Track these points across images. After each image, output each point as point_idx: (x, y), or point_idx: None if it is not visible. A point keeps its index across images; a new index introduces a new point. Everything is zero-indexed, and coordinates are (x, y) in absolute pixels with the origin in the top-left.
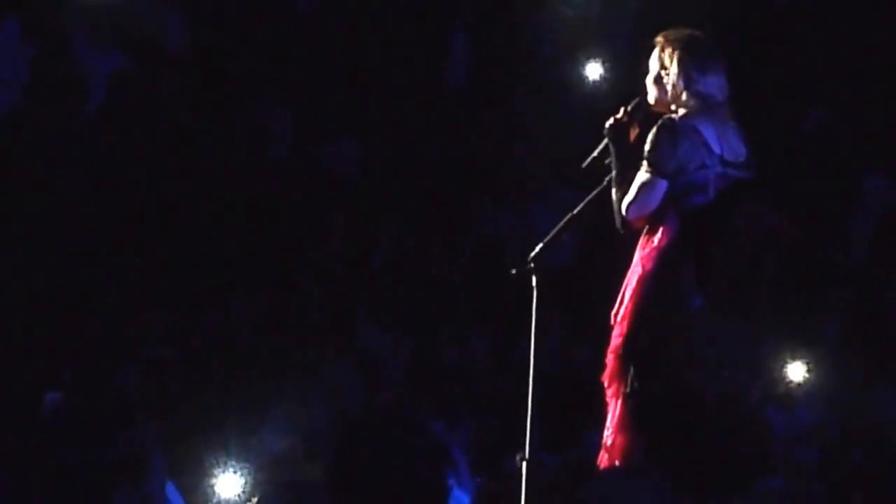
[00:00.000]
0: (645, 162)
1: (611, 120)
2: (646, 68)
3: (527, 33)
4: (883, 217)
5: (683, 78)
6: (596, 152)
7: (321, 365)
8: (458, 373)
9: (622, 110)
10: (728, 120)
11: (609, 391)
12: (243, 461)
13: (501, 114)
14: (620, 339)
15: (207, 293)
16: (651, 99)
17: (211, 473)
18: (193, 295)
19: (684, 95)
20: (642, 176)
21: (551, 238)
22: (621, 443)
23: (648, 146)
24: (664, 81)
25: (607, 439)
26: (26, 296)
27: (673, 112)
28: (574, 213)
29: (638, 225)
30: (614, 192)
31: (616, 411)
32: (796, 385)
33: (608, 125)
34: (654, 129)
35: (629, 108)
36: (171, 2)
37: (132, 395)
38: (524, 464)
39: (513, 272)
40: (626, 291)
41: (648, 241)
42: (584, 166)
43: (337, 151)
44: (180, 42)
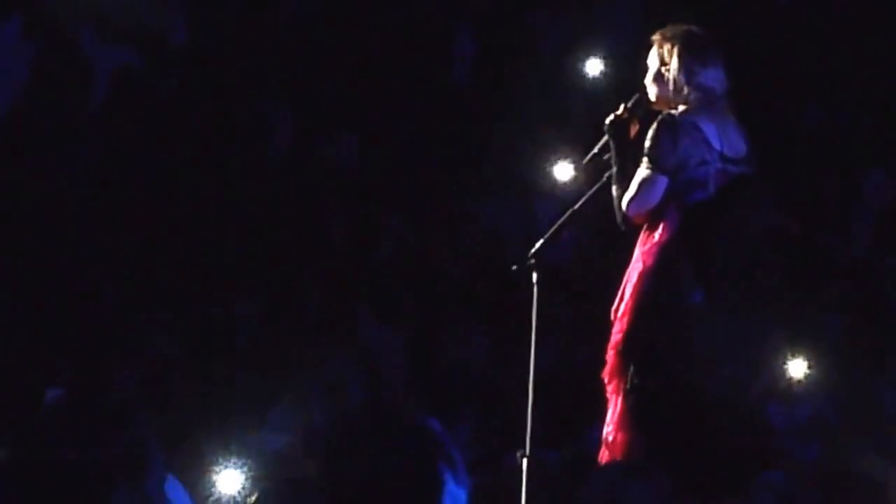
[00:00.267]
0: (645, 158)
1: (611, 116)
2: (645, 66)
3: (528, 30)
4: (883, 213)
5: (684, 72)
6: (596, 149)
7: (321, 363)
8: (459, 370)
9: (622, 107)
10: (728, 116)
11: (609, 387)
12: (244, 458)
13: (503, 110)
14: (621, 336)
15: (208, 292)
16: (652, 96)
17: (212, 470)
18: (194, 293)
19: (686, 89)
20: (643, 172)
21: (552, 234)
22: (622, 439)
23: (649, 142)
24: (665, 77)
25: (608, 436)
26: (26, 295)
27: (673, 109)
28: (575, 210)
29: (638, 221)
30: (615, 189)
31: (616, 408)
32: (797, 381)
33: (608, 122)
34: (655, 126)
35: (629, 105)
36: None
37: (132, 394)
38: (524, 460)
39: (513, 268)
40: (627, 288)
41: (649, 238)
42: (585, 163)
43: (338, 149)
44: (182, 39)
